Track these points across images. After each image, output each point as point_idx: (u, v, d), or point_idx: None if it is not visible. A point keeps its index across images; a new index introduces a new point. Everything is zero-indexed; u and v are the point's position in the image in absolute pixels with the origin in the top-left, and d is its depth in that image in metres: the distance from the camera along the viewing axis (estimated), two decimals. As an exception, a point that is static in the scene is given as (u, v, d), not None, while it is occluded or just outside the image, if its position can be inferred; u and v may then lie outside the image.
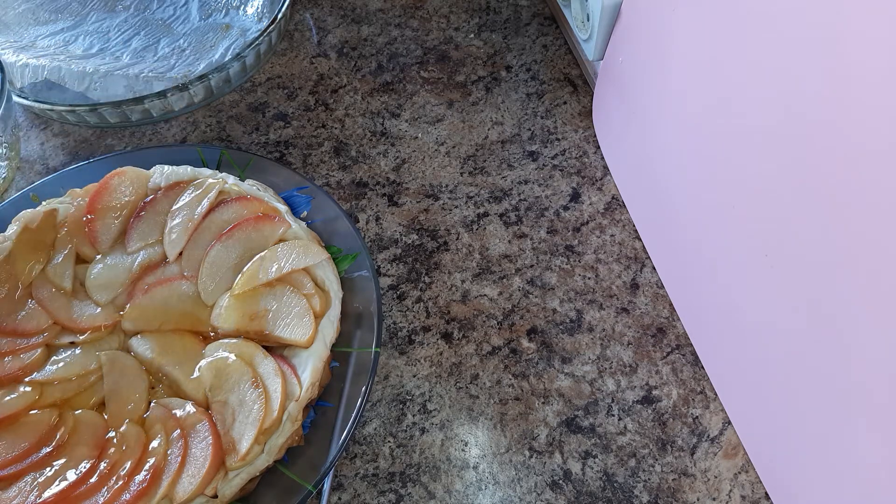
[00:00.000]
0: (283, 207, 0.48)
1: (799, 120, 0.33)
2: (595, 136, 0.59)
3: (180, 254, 0.46)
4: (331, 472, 0.41)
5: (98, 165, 0.51)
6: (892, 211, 0.29)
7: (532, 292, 0.51)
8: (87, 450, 0.39)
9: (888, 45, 0.28)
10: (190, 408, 0.40)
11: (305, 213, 0.50)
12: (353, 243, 0.48)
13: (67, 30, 0.63)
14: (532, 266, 0.52)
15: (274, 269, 0.44)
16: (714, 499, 0.43)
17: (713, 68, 0.40)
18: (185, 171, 0.49)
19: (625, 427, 0.46)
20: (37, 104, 0.55)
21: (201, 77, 0.57)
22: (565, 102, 0.61)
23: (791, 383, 0.38)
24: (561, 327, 0.49)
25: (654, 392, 0.47)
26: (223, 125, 0.60)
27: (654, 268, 0.52)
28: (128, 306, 0.44)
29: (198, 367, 0.41)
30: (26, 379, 0.41)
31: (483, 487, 0.43)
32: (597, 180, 0.56)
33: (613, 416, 0.46)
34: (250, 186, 0.49)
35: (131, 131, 0.59)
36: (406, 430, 0.45)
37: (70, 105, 0.55)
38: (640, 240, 0.53)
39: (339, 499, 0.43)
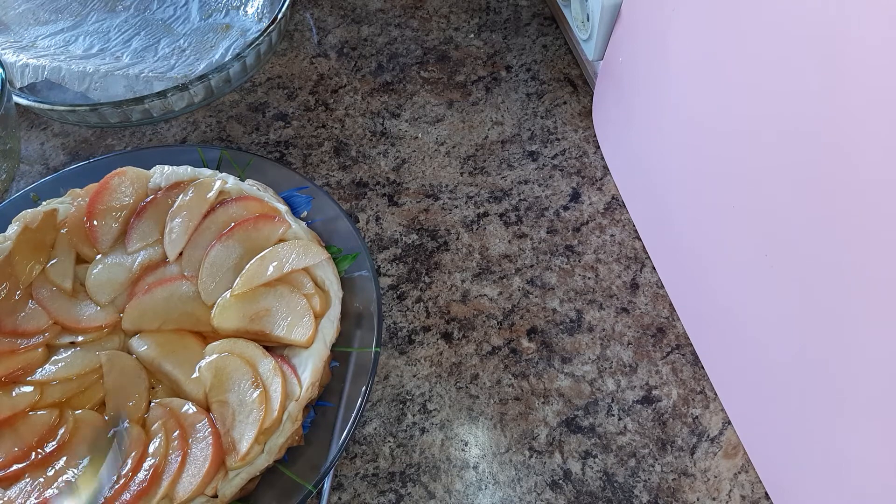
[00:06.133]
0: (283, 207, 0.48)
1: (798, 120, 0.33)
2: (595, 136, 0.59)
3: (180, 254, 0.46)
4: (331, 472, 0.41)
5: (98, 165, 0.51)
6: (892, 211, 0.29)
7: (532, 292, 0.51)
8: (87, 449, 0.39)
9: (887, 47, 0.28)
10: (190, 408, 0.40)
11: (305, 213, 0.50)
12: (353, 243, 0.48)
13: (68, 30, 0.63)
14: (532, 266, 0.52)
15: (274, 269, 0.44)
16: (714, 499, 0.43)
17: (713, 68, 0.40)
18: (186, 171, 0.49)
19: (625, 427, 0.46)
20: (37, 104, 0.55)
21: (201, 77, 0.57)
22: (565, 102, 0.61)
23: (791, 383, 0.38)
24: (561, 327, 0.49)
25: (654, 392, 0.47)
26: (223, 125, 0.60)
27: (654, 268, 0.52)
28: (128, 306, 0.44)
29: (198, 366, 0.41)
30: (27, 379, 0.41)
31: (483, 487, 0.44)
32: (597, 180, 0.56)
33: (613, 415, 0.46)
34: (250, 186, 0.49)
35: (131, 131, 0.59)
36: (406, 430, 0.46)
37: (70, 105, 0.55)
38: (640, 240, 0.53)
39: (339, 499, 0.43)
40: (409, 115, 0.61)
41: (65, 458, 0.38)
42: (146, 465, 0.38)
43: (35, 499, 0.37)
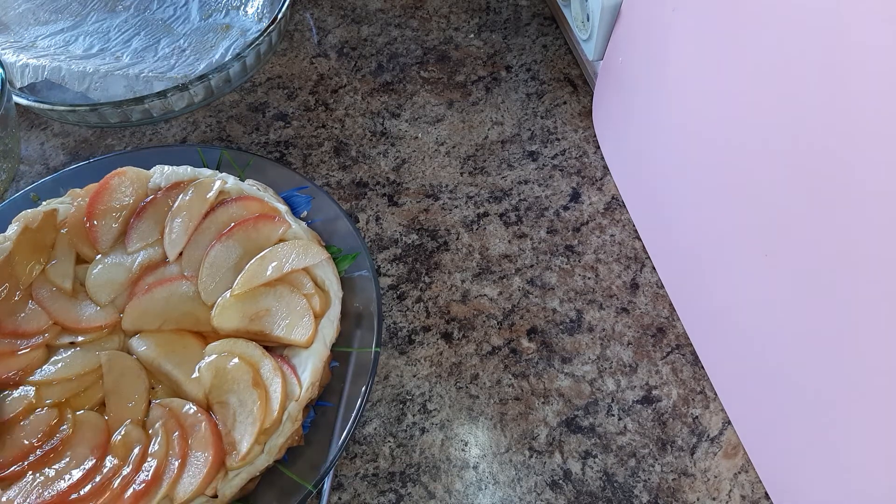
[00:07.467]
0: (283, 207, 0.48)
1: (798, 120, 0.33)
2: (595, 136, 0.59)
3: (180, 254, 0.46)
4: (331, 472, 0.41)
5: (98, 165, 0.51)
6: (892, 210, 0.29)
7: (532, 292, 0.51)
8: (87, 450, 0.39)
9: (888, 47, 0.28)
10: (190, 408, 0.40)
11: (305, 213, 0.50)
12: (353, 243, 0.48)
13: (68, 30, 0.63)
14: (532, 266, 0.52)
15: (274, 269, 0.44)
16: (714, 499, 0.43)
17: (713, 68, 0.40)
18: (186, 171, 0.49)
19: (625, 427, 0.46)
20: (37, 104, 0.55)
21: (201, 77, 0.57)
22: (565, 102, 0.61)
23: (791, 383, 0.38)
24: (561, 327, 0.49)
25: (654, 392, 0.47)
26: (223, 125, 0.60)
27: (654, 268, 0.52)
28: (128, 306, 0.44)
29: (198, 367, 0.41)
30: (27, 379, 0.41)
31: (483, 487, 0.43)
32: (597, 180, 0.56)
33: (613, 415, 0.46)
34: (250, 186, 0.49)
35: (131, 131, 0.59)
36: (406, 430, 0.46)
37: (70, 105, 0.55)
38: (640, 240, 0.53)
39: (339, 499, 0.43)
40: (409, 115, 0.61)
41: (65, 459, 0.38)
42: (147, 465, 0.38)
43: (35, 499, 0.37)
